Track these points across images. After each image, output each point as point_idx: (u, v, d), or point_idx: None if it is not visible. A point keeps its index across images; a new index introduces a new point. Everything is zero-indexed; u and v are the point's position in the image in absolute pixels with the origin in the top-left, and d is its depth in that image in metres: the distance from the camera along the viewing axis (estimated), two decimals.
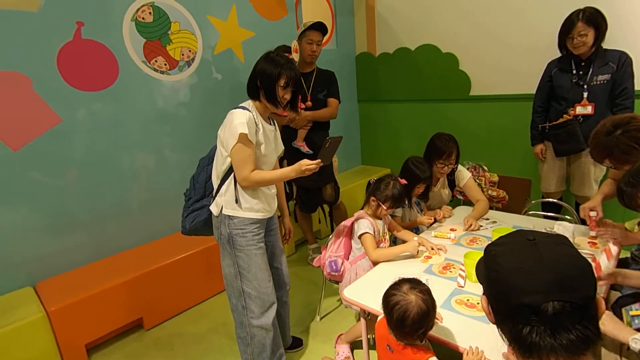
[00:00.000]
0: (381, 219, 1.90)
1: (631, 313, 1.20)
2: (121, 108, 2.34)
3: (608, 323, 1.08)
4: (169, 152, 2.62)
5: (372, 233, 1.79)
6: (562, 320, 0.63)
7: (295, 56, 2.47)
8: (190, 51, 2.62)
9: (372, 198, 1.84)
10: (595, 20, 2.17)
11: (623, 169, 1.53)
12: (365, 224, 1.80)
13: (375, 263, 1.77)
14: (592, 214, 1.76)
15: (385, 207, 1.80)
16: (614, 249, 1.38)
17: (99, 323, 2.05)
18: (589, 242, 1.72)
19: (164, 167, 2.60)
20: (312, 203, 2.80)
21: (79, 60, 2.13)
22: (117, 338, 2.18)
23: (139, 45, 2.37)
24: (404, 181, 1.86)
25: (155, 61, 2.45)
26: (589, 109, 2.31)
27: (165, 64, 2.51)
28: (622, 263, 1.62)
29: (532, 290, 0.65)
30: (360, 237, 1.80)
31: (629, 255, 1.67)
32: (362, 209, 1.92)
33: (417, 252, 1.74)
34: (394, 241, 2.20)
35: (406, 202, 2.10)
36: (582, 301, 0.64)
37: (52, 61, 2.04)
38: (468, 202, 2.37)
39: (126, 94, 2.35)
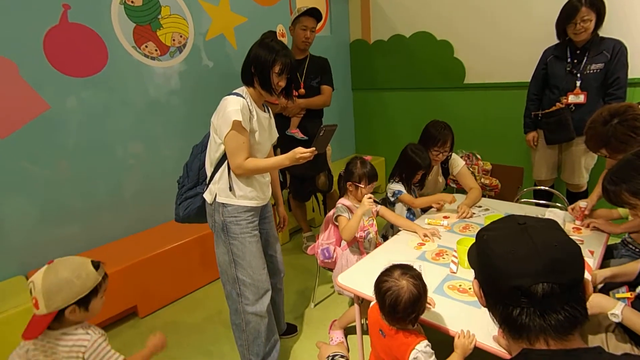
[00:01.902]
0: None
1: (617, 295, 1.23)
2: (112, 95, 2.30)
3: (593, 303, 1.11)
4: (162, 141, 2.58)
5: (348, 216, 1.82)
6: (551, 301, 0.65)
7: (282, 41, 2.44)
8: (181, 36, 2.56)
9: (348, 183, 1.86)
10: (597, 4, 2.16)
11: (618, 159, 1.54)
12: (340, 208, 1.83)
13: (349, 241, 1.81)
14: (583, 204, 1.80)
15: (363, 186, 1.81)
16: (589, 260, 1.43)
17: None
18: (573, 228, 1.77)
19: (157, 156, 2.57)
20: (305, 192, 2.80)
21: (66, 44, 2.07)
22: (112, 326, 2.19)
23: (129, 29, 2.31)
24: (369, 157, 1.89)
25: (146, 46, 2.40)
26: (581, 98, 2.32)
27: (156, 50, 2.45)
28: (608, 250, 1.66)
29: (522, 273, 0.66)
30: (335, 219, 1.84)
31: (618, 242, 1.71)
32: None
33: (369, 206, 1.74)
34: (385, 236, 2.22)
35: (405, 187, 2.11)
36: (570, 283, 0.66)
37: (38, 45, 1.98)
38: (461, 190, 2.39)
39: (116, 81, 2.30)
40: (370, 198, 1.74)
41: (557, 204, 2.34)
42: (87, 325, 1.13)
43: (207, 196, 1.57)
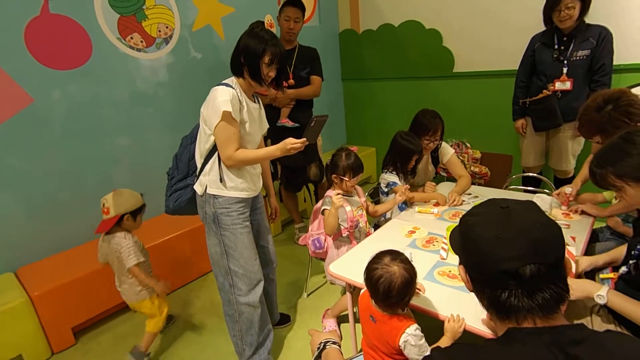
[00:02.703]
0: (353, 196, 1.92)
1: (601, 276, 1.28)
2: (98, 87, 2.26)
3: (576, 288, 1.14)
4: (151, 133, 2.56)
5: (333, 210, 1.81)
6: (538, 281, 0.66)
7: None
8: (167, 27, 2.52)
9: (334, 176, 1.85)
10: None
11: None
12: (327, 201, 1.83)
13: (331, 235, 1.83)
14: (568, 190, 1.83)
15: (347, 179, 1.81)
16: (572, 248, 1.45)
17: (85, 306, 2.04)
18: (563, 214, 1.80)
19: (146, 148, 2.54)
20: (297, 182, 2.81)
21: (49, 36, 2.03)
22: (105, 320, 2.18)
23: (113, 20, 2.26)
24: (355, 148, 1.88)
25: (131, 38, 2.35)
26: (567, 85, 2.35)
27: (142, 41, 2.41)
28: (594, 234, 1.70)
29: (510, 256, 0.67)
30: (322, 213, 1.85)
31: (603, 225, 1.75)
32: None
33: (339, 202, 1.73)
34: (377, 225, 2.23)
35: (401, 176, 2.11)
36: (555, 262, 0.68)
37: (19, 37, 1.94)
38: (451, 179, 2.41)
39: (102, 73, 2.26)
40: (338, 194, 1.73)
41: (545, 190, 2.38)
42: (131, 234, 1.72)
43: (198, 188, 1.56)
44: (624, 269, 1.22)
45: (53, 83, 2.08)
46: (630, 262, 1.19)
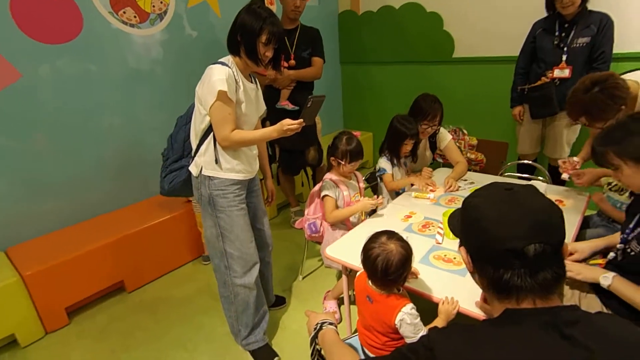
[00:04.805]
0: (350, 179, 1.91)
1: (590, 262, 1.30)
2: (89, 64, 2.19)
3: (583, 270, 1.18)
4: (144, 112, 2.50)
5: (334, 196, 1.82)
6: (541, 261, 0.67)
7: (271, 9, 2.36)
8: (161, 2, 2.43)
9: (332, 158, 1.85)
10: None
11: (597, 127, 1.57)
12: (327, 186, 1.83)
13: (332, 225, 1.84)
14: (576, 158, 1.85)
15: (345, 163, 1.80)
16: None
17: (79, 286, 2.03)
18: (556, 200, 1.81)
19: (140, 128, 2.49)
20: (295, 165, 2.78)
21: (36, 8, 1.95)
22: (98, 301, 2.18)
23: None
24: (357, 133, 1.87)
25: (124, 12, 2.27)
26: (566, 72, 2.33)
27: (135, 16, 2.33)
28: (585, 220, 1.72)
29: (515, 236, 0.68)
30: (322, 199, 1.84)
31: (594, 213, 1.77)
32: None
33: (370, 209, 1.81)
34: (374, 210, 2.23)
35: (395, 161, 2.10)
36: (557, 243, 0.69)
37: (5, 8, 1.86)
38: (447, 165, 2.41)
39: (93, 48, 2.19)
40: (373, 201, 1.77)
41: (539, 177, 2.39)
42: None
43: (193, 169, 1.54)
44: (611, 254, 1.25)
45: (42, 58, 2.01)
46: (618, 246, 1.22)
